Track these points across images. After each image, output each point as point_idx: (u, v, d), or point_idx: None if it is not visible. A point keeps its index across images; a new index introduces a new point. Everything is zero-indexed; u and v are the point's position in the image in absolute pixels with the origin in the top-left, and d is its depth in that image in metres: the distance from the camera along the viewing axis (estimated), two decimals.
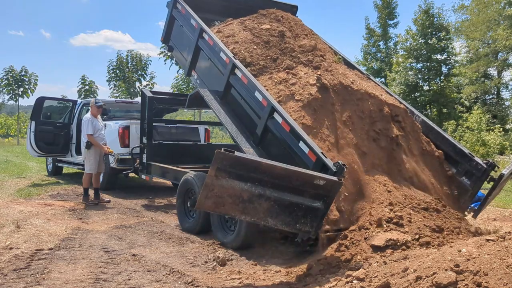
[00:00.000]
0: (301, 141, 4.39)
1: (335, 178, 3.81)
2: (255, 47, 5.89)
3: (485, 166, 5.37)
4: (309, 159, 4.28)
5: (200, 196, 3.57)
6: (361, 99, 5.43)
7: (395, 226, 4.29)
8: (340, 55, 6.74)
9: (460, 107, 23.60)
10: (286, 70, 5.50)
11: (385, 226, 4.27)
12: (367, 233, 4.20)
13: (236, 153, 3.47)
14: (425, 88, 25.41)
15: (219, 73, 5.81)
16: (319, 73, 5.41)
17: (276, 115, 4.74)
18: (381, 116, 5.47)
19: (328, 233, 4.24)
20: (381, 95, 5.77)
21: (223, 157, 3.42)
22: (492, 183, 5.42)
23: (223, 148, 3.44)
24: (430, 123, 6.09)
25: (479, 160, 5.46)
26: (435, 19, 24.86)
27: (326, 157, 4.16)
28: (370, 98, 5.50)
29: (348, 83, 5.46)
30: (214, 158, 3.43)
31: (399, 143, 5.44)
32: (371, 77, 6.64)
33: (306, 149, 4.33)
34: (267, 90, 5.15)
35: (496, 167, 5.42)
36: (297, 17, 7.25)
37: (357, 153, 5.00)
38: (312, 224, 3.82)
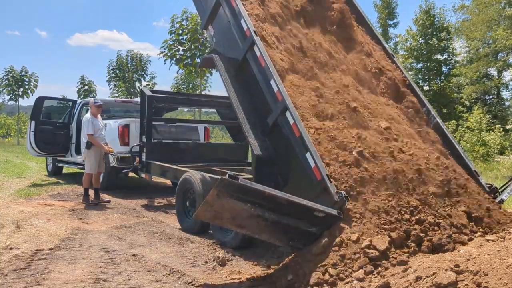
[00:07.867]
0: (308, 153, 4.15)
1: (335, 212, 3.75)
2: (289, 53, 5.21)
3: (487, 190, 5.02)
4: (313, 174, 4.06)
5: (200, 208, 3.60)
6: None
7: None
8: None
9: (460, 107, 23.57)
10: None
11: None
12: None
13: (241, 181, 3.41)
14: (425, 88, 25.39)
15: (237, 41, 5.23)
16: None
17: (288, 114, 4.42)
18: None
19: None
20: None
21: (227, 184, 3.41)
22: None
23: (227, 175, 3.40)
24: (444, 128, 5.68)
25: (483, 181, 5.14)
26: (436, 19, 24.86)
27: (331, 182, 3.92)
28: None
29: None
30: (218, 182, 3.43)
31: None
32: (410, 82, 5.98)
33: (312, 163, 4.09)
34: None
35: (498, 193, 5.07)
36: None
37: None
38: (305, 243, 3.85)
